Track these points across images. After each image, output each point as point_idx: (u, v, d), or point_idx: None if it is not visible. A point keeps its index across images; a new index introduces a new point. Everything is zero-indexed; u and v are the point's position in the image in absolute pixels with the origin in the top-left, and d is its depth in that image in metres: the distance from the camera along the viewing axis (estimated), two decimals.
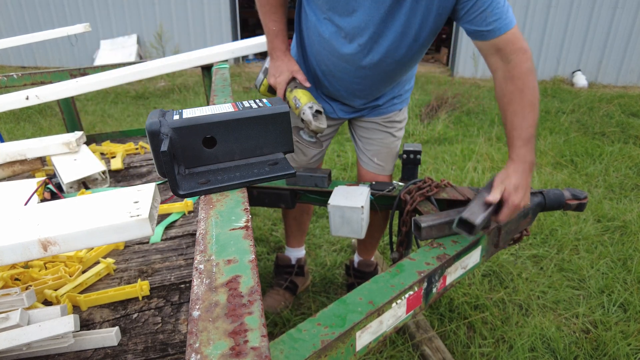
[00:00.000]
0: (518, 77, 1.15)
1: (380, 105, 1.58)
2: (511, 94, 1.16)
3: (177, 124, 0.68)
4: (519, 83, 1.14)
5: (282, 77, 1.37)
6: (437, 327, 1.81)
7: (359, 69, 1.36)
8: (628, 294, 1.97)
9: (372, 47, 1.29)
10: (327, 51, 1.37)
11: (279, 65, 1.39)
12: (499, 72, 1.18)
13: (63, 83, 1.54)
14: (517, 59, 1.14)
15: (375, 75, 1.39)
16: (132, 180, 1.40)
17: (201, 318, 0.42)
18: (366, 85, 1.44)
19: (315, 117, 1.27)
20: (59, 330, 0.70)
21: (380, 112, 1.60)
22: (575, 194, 1.32)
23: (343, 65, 1.38)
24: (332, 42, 1.33)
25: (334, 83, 1.47)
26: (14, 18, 7.40)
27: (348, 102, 1.55)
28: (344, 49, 1.32)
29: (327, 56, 1.39)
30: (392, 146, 1.68)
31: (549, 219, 2.55)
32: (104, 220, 0.58)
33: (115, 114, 4.81)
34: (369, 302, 0.90)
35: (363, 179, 1.76)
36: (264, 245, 2.40)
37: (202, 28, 7.32)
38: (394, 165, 1.76)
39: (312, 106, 1.27)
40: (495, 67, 1.19)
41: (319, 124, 1.26)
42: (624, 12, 6.30)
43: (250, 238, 0.56)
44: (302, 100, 1.30)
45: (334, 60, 1.38)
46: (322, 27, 1.33)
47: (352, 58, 1.33)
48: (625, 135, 4.09)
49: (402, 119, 1.67)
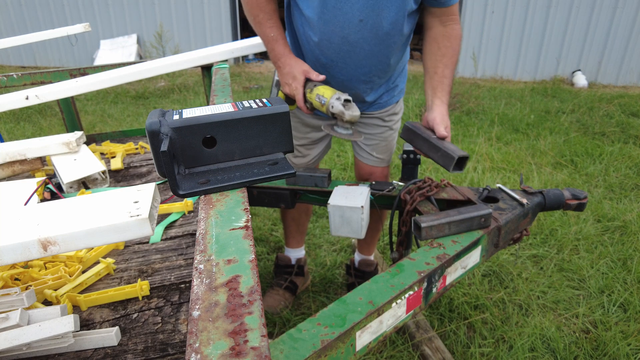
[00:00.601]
0: (454, 38, 1.38)
1: (380, 97, 1.59)
2: (446, 48, 1.37)
3: (177, 124, 0.68)
4: (454, 43, 1.38)
5: (295, 82, 1.34)
6: (437, 327, 1.81)
7: (354, 41, 1.35)
8: (628, 294, 1.97)
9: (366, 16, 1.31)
10: (322, 34, 1.35)
11: (287, 71, 1.36)
12: (436, 29, 1.38)
13: (63, 83, 1.54)
14: (454, 25, 1.38)
15: (369, 44, 1.37)
16: (132, 180, 1.40)
17: (201, 318, 0.42)
18: (365, 60, 1.41)
19: (346, 106, 1.23)
20: (59, 330, 0.70)
21: (379, 105, 1.62)
22: (575, 193, 1.32)
23: (338, 44, 1.36)
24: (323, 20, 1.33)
25: (336, 73, 1.44)
26: (14, 18, 7.40)
27: (354, 90, 1.51)
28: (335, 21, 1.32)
29: (324, 41, 1.37)
30: (389, 139, 1.72)
31: (549, 219, 2.55)
32: (104, 220, 0.58)
33: (115, 113, 4.81)
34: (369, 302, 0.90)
35: (362, 171, 1.77)
36: (264, 245, 2.40)
37: (202, 28, 7.32)
38: (392, 156, 1.80)
39: (340, 97, 1.23)
40: (431, 25, 1.39)
41: (352, 112, 1.22)
42: (624, 12, 6.30)
43: (250, 238, 0.56)
44: (326, 94, 1.26)
45: (329, 40, 1.36)
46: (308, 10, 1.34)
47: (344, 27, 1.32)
48: (625, 135, 4.10)
49: (398, 110, 1.71)
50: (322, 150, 1.78)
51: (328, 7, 1.30)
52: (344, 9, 1.29)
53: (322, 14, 1.32)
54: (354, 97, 1.53)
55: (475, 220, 1.16)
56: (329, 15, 1.31)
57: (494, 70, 7.03)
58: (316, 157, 1.78)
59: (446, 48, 1.36)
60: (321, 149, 1.77)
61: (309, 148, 1.73)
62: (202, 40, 7.34)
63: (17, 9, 7.34)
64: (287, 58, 1.37)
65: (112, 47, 7.25)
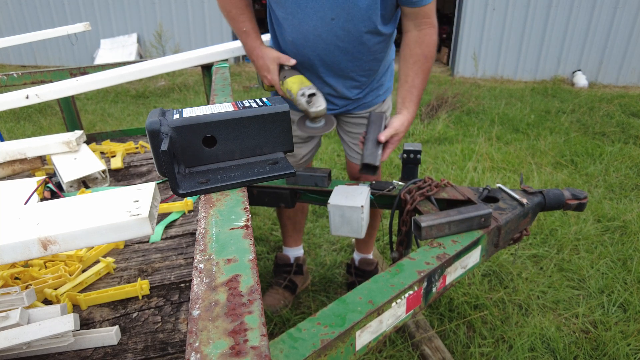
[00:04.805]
0: (427, 45, 1.33)
1: (364, 96, 1.60)
2: (418, 56, 1.34)
3: (177, 123, 0.68)
4: (425, 50, 1.33)
5: (270, 73, 1.40)
6: (436, 326, 1.81)
7: (327, 39, 1.36)
8: (628, 294, 1.97)
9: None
10: (298, 33, 1.38)
11: (261, 64, 1.42)
12: (410, 34, 1.35)
13: (63, 82, 1.54)
14: (428, 30, 1.33)
15: (343, 42, 1.38)
16: (132, 180, 1.40)
17: (201, 317, 0.42)
18: (341, 57, 1.42)
19: (309, 101, 1.23)
20: (59, 329, 0.70)
21: (365, 105, 1.63)
22: (575, 193, 1.32)
23: (313, 42, 1.38)
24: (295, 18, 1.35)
25: (316, 70, 1.46)
26: (14, 17, 7.40)
27: (335, 88, 1.53)
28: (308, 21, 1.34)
29: (300, 40, 1.39)
30: None
31: (549, 219, 2.55)
32: (104, 219, 0.58)
33: (115, 113, 4.81)
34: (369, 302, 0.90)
35: (352, 171, 1.80)
36: (263, 245, 2.40)
37: (202, 27, 7.32)
38: None
39: (304, 92, 1.23)
40: (407, 28, 1.36)
41: (316, 107, 1.22)
42: (625, 11, 6.29)
43: (250, 237, 0.56)
44: (293, 89, 1.26)
45: (305, 39, 1.38)
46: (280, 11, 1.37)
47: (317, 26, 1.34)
48: (626, 135, 4.09)
49: (385, 109, 1.71)
50: (312, 149, 1.77)
51: (301, 6, 1.32)
52: (315, 7, 1.30)
53: (296, 14, 1.34)
54: (336, 94, 1.55)
55: (475, 220, 1.16)
56: (302, 14, 1.33)
57: (494, 70, 7.03)
58: (307, 157, 1.77)
59: (417, 55, 1.34)
60: (310, 148, 1.77)
61: (298, 146, 1.73)
62: (202, 40, 7.34)
63: (17, 8, 7.34)
64: (259, 50, 1.42)
65: (112, 46, 7.25)
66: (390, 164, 3.37)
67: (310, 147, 1.76)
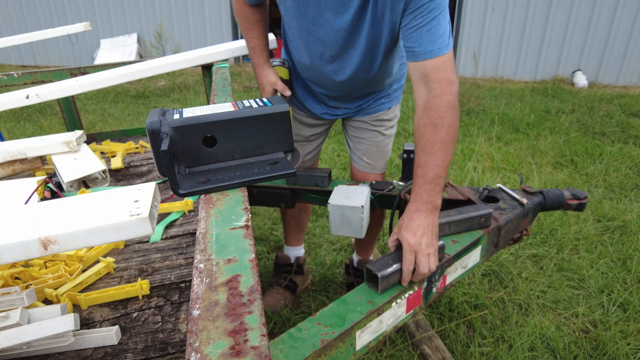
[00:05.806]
0: (435, 110, 1.03)
1: (368, 106, 1.59)
2: (424, 127, 1.05)
3: (177, 123, 0.68)
4: (434, 116, 1.03)
5: (264, 94, 1.47)
6: (436, 326, 1.81)
7: (335, 83, 1.42)
8: (628, 294, 1.97)
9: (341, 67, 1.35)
10: (305, 63, 1.43)
11: (260, 82, 1.48)
12: (421, 100, 1.08)
13: (63, 82, 1.54)
14: (439, 89, 1.04)
15: (352, 86, 1.44)
16: (132, 180, 1.40)
17: (201, 317, 0.42)
18: (346, 92, 1.49)
19: None
20: (59, 329, 0.70)
21: (368, 112, 1.61)
22: (575, 193, 1.32)
23: (320, 79, 1.45)
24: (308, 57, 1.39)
25: (318, 90, 1.52)
26: (14, 17, 7.40)
27: (334, 106, 1.58)
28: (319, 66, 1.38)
29: (307, 66, 1.44)
30: (381, 145, 1.68)
31: (549, 219, 2.55)
32: (104, 219, 0.58)
33: (115, 113, 4.81)
34: (369, 302, 0.90)
35: (355, 177, 1.77)
36: (264, 245, 2.40)
37: (203, 27, 7.32)
38: (386, 164, 1.76)
39: None
40: (418, 94, 1.09)
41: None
42: (625, 11, 6.29)
43: (250, 237, 0.56)
44: None
45: (312, 72, 1.44)
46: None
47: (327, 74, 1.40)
48: (626, 135, 4.09)
49: (391, 117, 1.67)
50: (315, 147, 1.76)
51: (302, 37, 1.33)
52: (315, 45, 1.32)
53: (299, 37, 1.35)
54: (337, 107, 1.59)
55: (475, 220, 1.16)
56: (304, 45, 1.36)
57: (494, 70, 7.03)
58: (311, 155, 1.77)
59: (424, 127, 1.04)
60: (315, 146, 1.76)
61: (302, 145, 1.73)
62: (202, 40, 7.34)
63: (17, 8, 7.34)
64: (261, 69, 1.48)
65: (112, 46, 7.25)
66: (390, 164, 3.37)
67: (314, 145, 1.75)
